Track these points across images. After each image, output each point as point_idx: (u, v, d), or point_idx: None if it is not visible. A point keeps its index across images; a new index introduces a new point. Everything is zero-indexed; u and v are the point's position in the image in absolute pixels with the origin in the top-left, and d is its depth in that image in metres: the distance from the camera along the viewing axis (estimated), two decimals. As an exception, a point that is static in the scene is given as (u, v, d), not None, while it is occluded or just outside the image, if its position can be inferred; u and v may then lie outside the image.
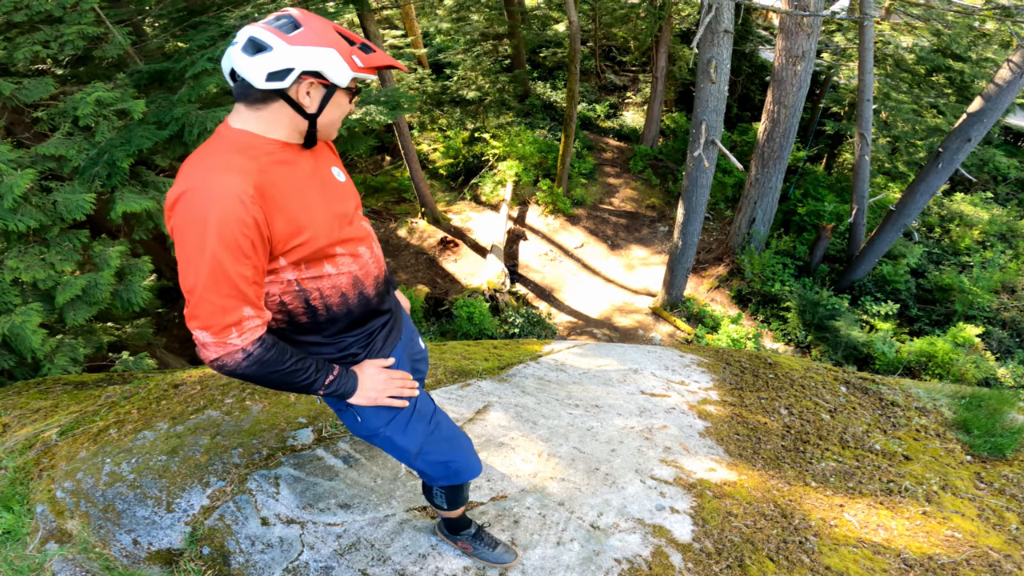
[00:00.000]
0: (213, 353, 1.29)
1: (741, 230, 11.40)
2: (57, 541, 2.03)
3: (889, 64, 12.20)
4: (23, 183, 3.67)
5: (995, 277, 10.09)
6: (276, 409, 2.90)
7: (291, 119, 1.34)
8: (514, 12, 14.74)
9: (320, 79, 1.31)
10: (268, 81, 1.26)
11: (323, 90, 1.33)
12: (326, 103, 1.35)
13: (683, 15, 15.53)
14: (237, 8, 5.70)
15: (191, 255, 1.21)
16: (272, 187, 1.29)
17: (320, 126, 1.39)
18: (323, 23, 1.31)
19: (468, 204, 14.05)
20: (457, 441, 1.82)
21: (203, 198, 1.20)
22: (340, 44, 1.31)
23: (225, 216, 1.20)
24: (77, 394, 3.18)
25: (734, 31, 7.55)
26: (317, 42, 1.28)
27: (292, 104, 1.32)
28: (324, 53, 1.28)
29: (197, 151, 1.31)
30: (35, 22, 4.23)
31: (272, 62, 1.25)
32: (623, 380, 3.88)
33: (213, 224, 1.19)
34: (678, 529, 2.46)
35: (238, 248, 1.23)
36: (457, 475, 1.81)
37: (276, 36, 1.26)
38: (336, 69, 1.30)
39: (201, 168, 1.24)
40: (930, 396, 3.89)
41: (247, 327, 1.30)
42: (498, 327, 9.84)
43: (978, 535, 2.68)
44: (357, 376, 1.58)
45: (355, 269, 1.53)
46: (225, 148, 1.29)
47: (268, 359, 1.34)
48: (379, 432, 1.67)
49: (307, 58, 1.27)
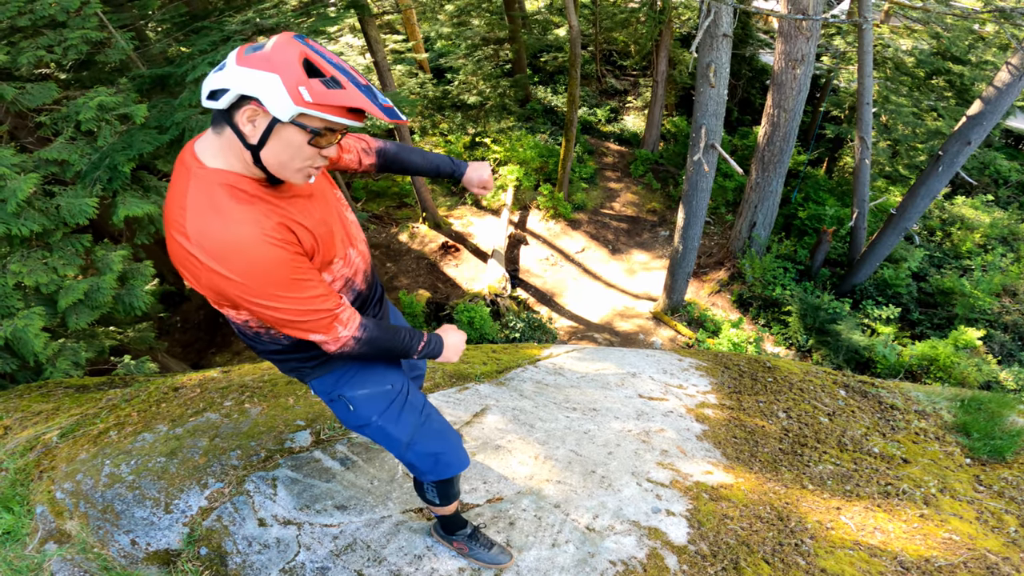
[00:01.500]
0: (333, 347, 1.47)
1: (742, 234, 11.41)
2: (56, 541, 2.04)
3: (889, 67, 12.22)
4: (27, 187, 3.70)
5: (996, 280, 10.07)
6: (274, 412, 2.92)
7: (239, 150, 1.25)
8: (515, 17, 14.80)
9: (263, 107, 1.19)
10: (208, 99, 1.21)
11: (267, 120, 1.20)
12: (268, 135, 1.22)
13: (683, 19, 15.59)
14: (239, 13, 5.75)
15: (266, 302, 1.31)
16: (280, 216, 1.31)
17: (268, 163, 1.26)
18: (292, 51, 1.18)
19: (469, 209, 14.08)
20: (446, 434, 1.86)
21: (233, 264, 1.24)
22: (291, 72, 1.16)
23: (264, 264, 1.26)
24: (78, 397, 3.20)
25: (733, 35, 7.58)
26: (263, 66, 1.16)
27: (236, 131, 1.22)
28: (263, 78, 1.16)
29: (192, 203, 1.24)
30: (39, 26, 4.27)
31: (218, 80, 1.19)
32: (621, 384, 3.88)
33: (263, 275, 1.27)
34: (674, 531, 2.47)
35: (293, 278, 1.31)
36: (447, 468, 1.84)
37: (236, 55, 1.19)
38: (274, 97, 1.16)
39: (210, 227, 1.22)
40: (930, 399, 3.89)
41: (344, 319, 1.45)
42: (499, 332, 9.86)
43: (976, 537, 2.68)
44: (442, 338, 1.76)
45: (347, 272, 1.57)
46: (219, 195, 1.25)
47: (374, 337, 1.52)
48: (371, 422, 1.71)
49: (245, 80, 1.16)
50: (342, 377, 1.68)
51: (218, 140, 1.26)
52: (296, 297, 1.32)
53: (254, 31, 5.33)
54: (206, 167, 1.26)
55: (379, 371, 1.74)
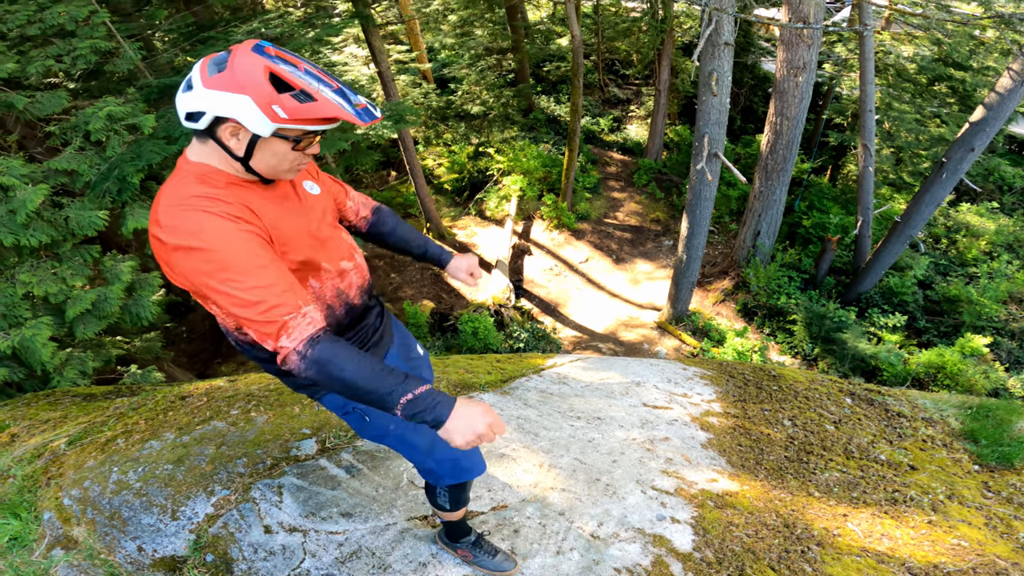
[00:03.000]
0: (279, 357, 1.29)
1: (746, 243, 11.40)
2: (63, 547, 2.05)
3: (891, 74, 12.25)
4: (36, 198, 3.75)
5: (1003, 287, 10.03)
6: (280, 420, 2.93)
7: (227, 160, 1.30)
8: (517, 27, 14.91)
9: (242, 125, 1.23)
10: (187, 121, 1.25)
11: (249, 135, 1.25)
12: (253, 148, 1.27)
13: (685, 28, 15.68)
14: (244, 23, 5.82)
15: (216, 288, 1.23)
16: (245, 201, 1.31)
17: (259, 170, 1.31)
18: (254, 66, 1.20)
19: (473, 219, 14.13)
20: None
21: (193, 235, 1.21)
22: (260, 91, 1.19)
23: (219, 237, 1.22)
24: (86, 405, 3.22)
25: (735, 43, 7.62)
26: (231, 87, 1.18)
27: (221, 145, 1.27)
28: (235, 100, 1.19)
29: (165, 193, 1.27)
30: (48, 36, 4.33)
31: (190, 102, 1.22)
32: (625, 393, 3.88)
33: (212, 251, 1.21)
34: (679, 539, 2.46)
35: (249, 258, 1.24)
36: (467, 471, 1.82)
37: (200, 75, 1.21)
38: (251, 118, 1.21)
39: (185, 211, 1.23)
40: (937, 407, 3.88)
41: (292, 326, 1.27)
42: (503, 342, 9.86)
43: (985, 544, 2.66)
44: (452, 404, 1.31)
45: (338, 282, 1.58)
46: (190, 181, 1.27)
47: (323, 359, 1.26)
48: (390, 431, 1.69)
49: (218, 103, 1.20)
50: None
51: (204, 148, 1.30)
52: (247, 279, 1.23)
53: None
54: (189, 161, 1.31)
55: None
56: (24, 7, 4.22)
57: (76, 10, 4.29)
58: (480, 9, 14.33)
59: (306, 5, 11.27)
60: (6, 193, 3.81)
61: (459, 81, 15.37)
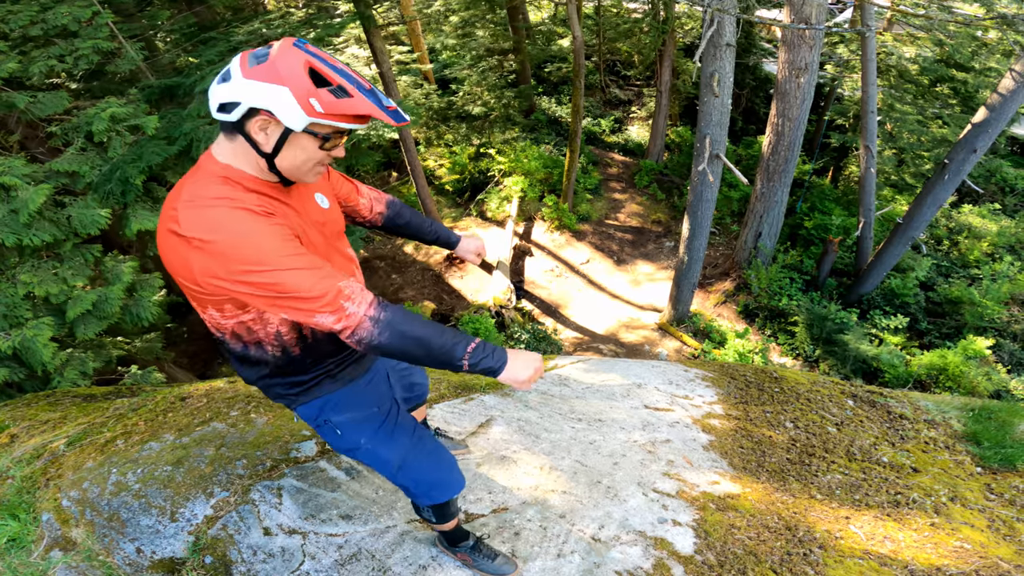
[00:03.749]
0: (350, 332, 1.27)
1: (747, 245, 11.38)
2: (62, 549, 2.05)
3: (893, 75, 12.23)
4: (39, 198, 3.74)
5: (1005, 289, 10.00)
6: (280, 422, 2.92)
7: (253, 156, 1.28)
8: (519, 28, 14.91)
9: (275, 117, 1.22)
10: (218, 112, 1.23)
11: (280, 129, 1.24)
12: (282, 144, 1.26)
13: (686, 29, 15.66)
14: (246, 24, 5.82)
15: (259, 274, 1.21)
16: (269, 208, 1.30)
17: (283, 168, 1.30)
18: (296, 60, 1.20)
19: (474, 220, 14.12)
20: (439, 456, 1.83)
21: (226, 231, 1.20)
22: (299, 84, 1.19)
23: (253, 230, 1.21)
24: (85, 406, 3.21)
25: (736, 44, 7.61)
26: (271, 78, 1.18)
27: (249, 140, 1.25)
28: (274, 91, 1.18)
29: (186, 192, 1.25)
30: (50, 36, 4.34)
31: (226, 92, 1.21)
32: (627, 394, 3.87)
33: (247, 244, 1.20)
34: (680, 541, 2.45)
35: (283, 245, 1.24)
36: (442, 491, 1.82)
37: (240, 67, 1.20)
38: (286, 110, 1.20)
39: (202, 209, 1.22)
40: (939, 408, 3.86)
41: (352, 292, 1.27)
42: (504, 343, 9.85)
43: (988, 546, 2.65)
44: (506, 354, 1.40)
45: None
46: (214, 182, 1.26)
47: (400, 320, 1.28)
48: (360, 445, 1.68)
49: (255, 93, 1.19)
50: (327, 403, 1.64)
51: (230, 145, 1.28)
52: (290, 262, 1.22)
53: (260, 41, 5.40)
54: (216, 161, 1.29)
55: (364, 395, 1.71)
56: (27, 7, 4.23)
57: (79, 10, 4.29)
58: (482, 10, 14.33)
59: (307, 5, 11.27)
60: (8, 193, 3.81)
61: (460, 82, 15.36)
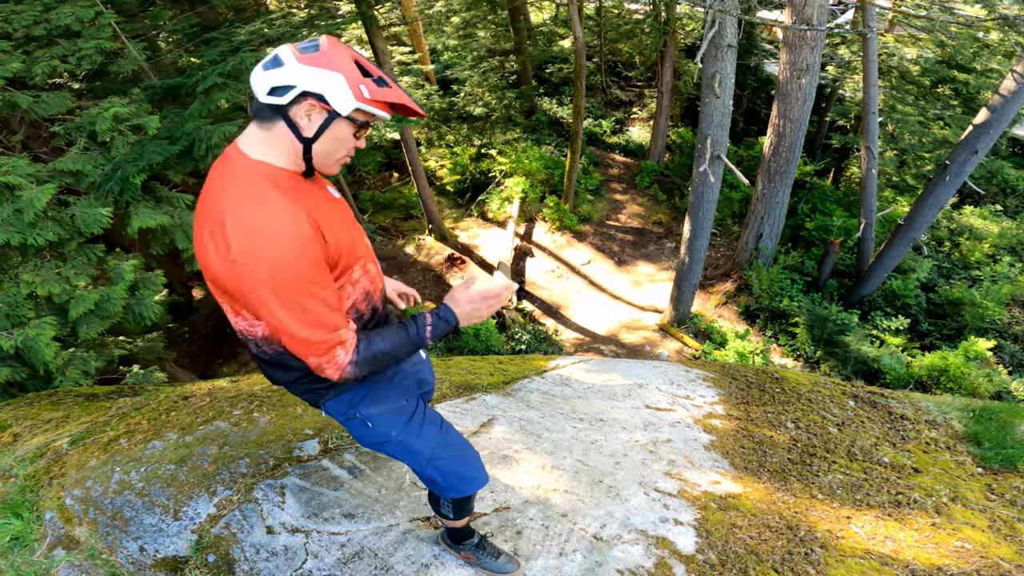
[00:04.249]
0: (334, 375, 1.41)
1: (748, 246, 11.38)
2: (64, 547, 2.05)
3: (894, 76, 12.22)
4: (43, 198, 3.75)
5: (1006, 290, 9.99)
6: (283, 421, 2.93)
7: (290, 142, 1.33)
8: (520, 28, 14.92)
9: (322, 103, 1.28)
10: (269, 95, 1.27)
11: (324, 115, 1.31)
12: (324, 129, 1.32)
13: (688, 30, 15.66)
14: (247, 24, 5.83)
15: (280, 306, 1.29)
16: (311, 210, 1.34)
17: (316, 154, 1.36)
18: (344, 53, 1.31)
19: (475, 221, 14.13)
20: (466, 449, 1.85)
21: (268, 245, 1.24)
22: (350, 71, 1.29)
23: (293, 254, 1.26)
24: (88, 405, 3.22)
25: (738, 45, 7.61)
26: (326, 65, 1.27)
27: (291, 125, 1.30)
28: (329, 76, 1.26)
29: (230, 192, 1.28)
30: (54, 36, 4.34)
31: (278, 77, 1.26)
32: (628, 395, 3.87)
33: (287, 268, 1.25)
34: (682, 541, 2.45)
35: (314, 280, 1.31)
36: (469, 484, 1.83)
37: (292, 54, 1.27)
38: (338, 94, 1.28)
39: (248, 214, 1.25)
40: (940, 409, 3.86)
41: (347, 341, 1.40)
42: (504, 344, 9.85)
43: (989, 546, 2.65)
44: (451, 308, 1.56)
45: (367, 284, 1.59)
46: (257, 184, 1.29)
47: (372, 355, 1.43)
48: (391, 438, 1.70)
49: (310, 78, 1.26)
50: (355, 396, 1.68)
51: (264, 134, 1.33)
52: (307, 301, 1.30)
53: (261, 42, 5.41)
54: (250, 159, 1.32)
55: (392, 389, 1.75)
56: (30, 7, 4.24)
57: (82, 11, 4.30)
58: (483, 11, 14.34)
59: (309, 6, 11.29)
60: (12, 193, 3.82)
61: (462, 83, 15.37)
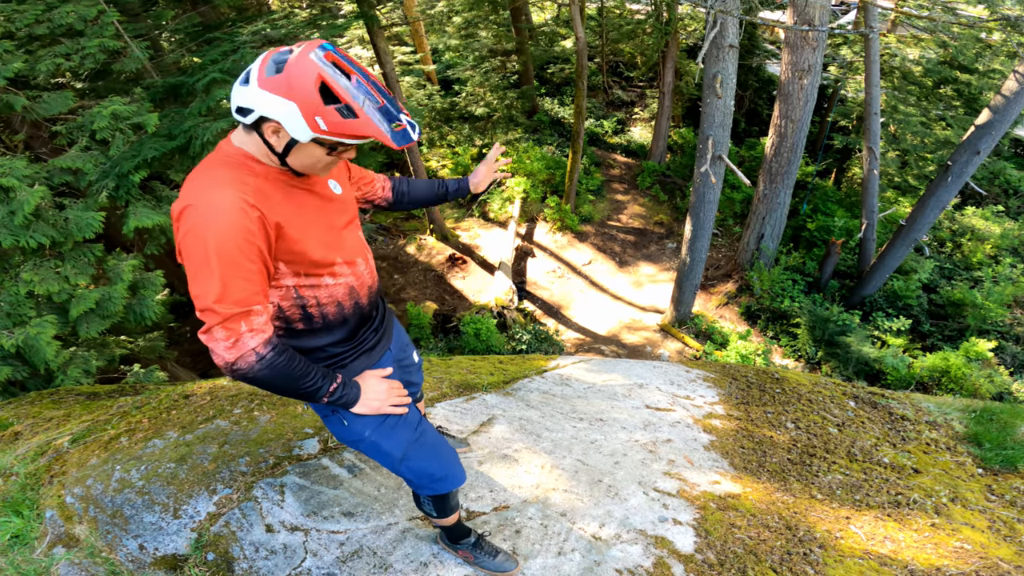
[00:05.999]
0: (230, 355, 1.31)
1: (750, 246, 11.38)
2: (64, 546, 2.06)
3: (896, 77, 12.21)
4: (33, 200, 3.76)
5: (1008, 291, 9.98)
6: (283, 420, 2.93)
7: (266, 152, 1.36)
8: (522, 29, 14.92)
9: (283, 127, 1.28)
10: (236, 114, 1.31)
11: (287, 138, 1.31)
12: (290, 149, 1.33)
13: (689, 30, 15.66)
14: (250, 24, 5.84)
15: (197, 266, 1.27)
16: (267, 197, 1.34)
17: (293, 166, 1.38)
18: (308, 75, 1.24)
19: (476, 221, 14.13)
20: (441, 450, 1.85)
21: (204, 213, 1.25)
22: (307, 100, 1.23)
23: (224, 229, 1.25)
24: (89, 404, 3.23)
25: (739, 46, 7.61)
26: (283, 92, 1.23)
27: (263, 140, 1.33)
28: (283, 105, 1.24)
29: (199, 166, 1.36)
30: (57, 35, 4.35)
31: (243, 97, 1.28)
32: (628, 394, 3.87)
33: (212, 239, 1.25)
34: (680, 540, 2.45)
35: (241, 255, 1.28)
36: (442, 483, 1.84)
37: (259, 73, 1.26)
38: (293, 124, 1.26)
39: (200, 184, 1.29)
40: (941, 410, 3.86)
41: (256, 324, 1.33)
42: (505, 344, 9.85)
43: (988, 547, 2.65)
44: (360, 386, 1.62)
45: (352, 281, 1.59)
46: (223, 164, 1.34)
47: (279, 363, 1.37)
48: (365, 437, 1.70)
49: (267, 104, 1.25)
50: None
51: (247, 136, 1.37)
52: (221, 276, 1.26)
53: (264, 42, 5.42)
54: (232, 145, 1.37)
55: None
56: (33, 6, 4.24)
57: (85, 10, 4.31)
58: (485, 11, 14.35)
59: (312, 6, 11.30)
60: (7, 194, 3.82)
61: (463, 83, 15.39)
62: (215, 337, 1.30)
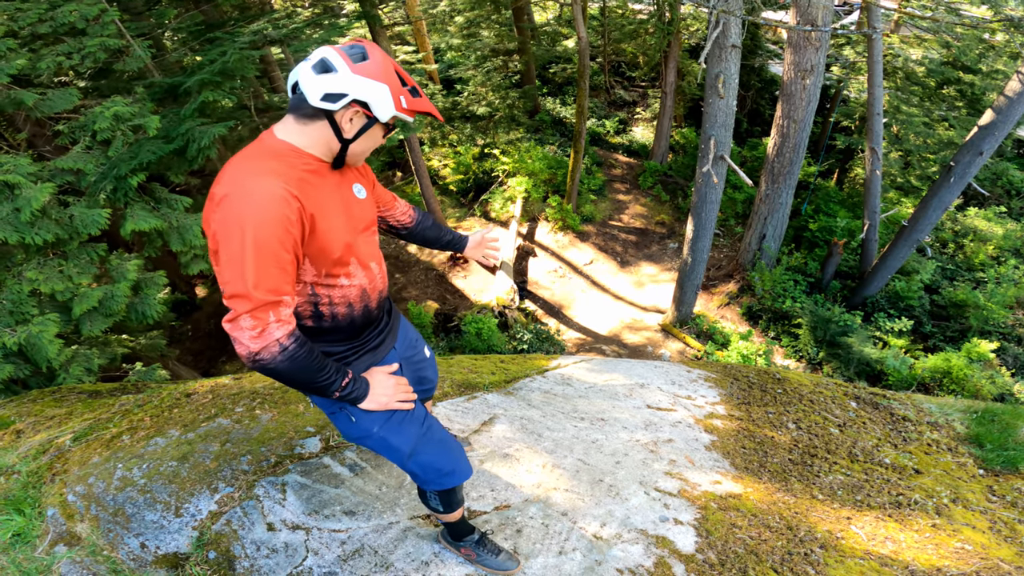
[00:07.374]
0: (255, 344, 1.32)
1: (751, 246, 11.36)
2: (66, 544, 2.06)
3: (899, 77, 12.19)
4: (41, 197, 3.76)
5: (1010, 292, 9.96)
6: (285, 418, 2.94)
7: (328, 140, 1.43)
8: (524, 28, 14.91)
9: (365, 109, 1.40)
10: (322, 101, 1.36)
11: (364, 120, 1.43)
12: (363, 132, 1.45)
13: (692, 30, 15.65)
14: (252, 23, 5.85)
15: (233, 252, 1.28)
16: (304, 191, 1.37)
17: (351, 152, 1.48)
18: (388, 62, 1.40)
19: (478, 220, 14.13)
20: (448, 444, 1.87)
21: (243, 202, 1.27)
22: (394, 83, 1.41)
23: (265, 218, 1.28)
24: (91, 402, 3.23)
25: (742, 46, 7.60)
26: (376, 76, 1.37)
27: (333, 126, 1.40)
28: (378, 88, 1.37)
29: (239, 154, 1.39)
30: (59, 34, 4.36)
31: (332, 84, 1.34)
32: (629, 394, 3.87)
33: (251, 227, 1.27)
34: (681, 540, 2.45)
35: (279, 243, 1.31)
36: (450, 477, 1.85)
37: (344, 62, 1.35)
38: (382, 104, 1.39)
39: (242, 172, 1.32)
40: (942, 411, 3.85)
41: (283, 315, 1.35)
42: (506, 343, 9.85)
43: (989, 547, 2.65)
44: (368, 382, 1.65)
45: (365, 283, 1.62)
46: (265, 154, 1.38)
47: (299, 356, 1.39)
48: (373, 433, 1.71)
49: (362, 88, 1.36)
50: None
51: (299, 126, 1.40)
52: (256, 266, 1.28)
53: (265, 41, 5.42)
54: (275, 137, 1.41)
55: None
56: (35, 5, 4.25)
57: (87, 8, 4.31)
58: (487, 10, 14.34)
59: (314, 5, 11.30)
60: (12, 191, 3.83)
61: (465, 82, 15.38)
62: (241, 326, 1.31)
